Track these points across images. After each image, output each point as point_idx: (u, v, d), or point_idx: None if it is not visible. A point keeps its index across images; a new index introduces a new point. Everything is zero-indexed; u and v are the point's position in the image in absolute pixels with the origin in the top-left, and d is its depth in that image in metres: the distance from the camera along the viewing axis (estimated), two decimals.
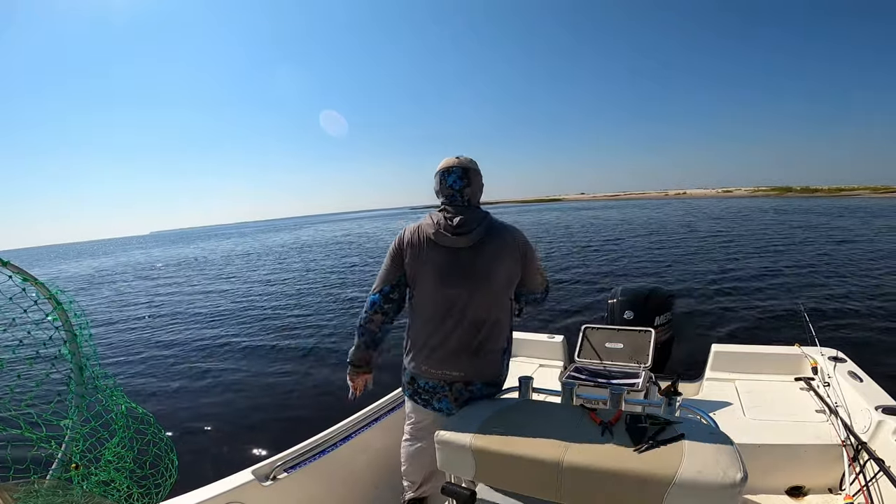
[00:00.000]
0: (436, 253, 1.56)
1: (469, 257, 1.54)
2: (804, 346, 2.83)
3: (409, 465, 1.85)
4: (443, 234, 1.55)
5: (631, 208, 53.22)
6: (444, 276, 1.55)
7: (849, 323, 6.44)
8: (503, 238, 1.57)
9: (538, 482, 1.16)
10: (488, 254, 1.54)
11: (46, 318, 1.70)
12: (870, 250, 13.14)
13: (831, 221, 23.47)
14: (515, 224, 1.66)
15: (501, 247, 1.55)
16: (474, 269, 1.53)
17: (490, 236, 1.55)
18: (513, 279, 1.60)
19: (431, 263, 1.57)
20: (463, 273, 1.53)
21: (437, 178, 1.64)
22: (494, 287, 1.55)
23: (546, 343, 3.32)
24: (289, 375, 5.86)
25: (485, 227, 1.55)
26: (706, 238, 18.29)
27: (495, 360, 1.61)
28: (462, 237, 1.53)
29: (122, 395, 1.94)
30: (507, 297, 1.62)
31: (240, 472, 1.78)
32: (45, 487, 1.50)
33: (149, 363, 6.91)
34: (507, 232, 1.60)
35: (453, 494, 1.30)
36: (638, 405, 1.62)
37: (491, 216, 1.62)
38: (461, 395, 1.58)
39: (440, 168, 1.63)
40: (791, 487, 2.09)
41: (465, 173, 1.60)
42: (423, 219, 1.63)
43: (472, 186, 1.62)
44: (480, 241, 1.54)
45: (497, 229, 1.58)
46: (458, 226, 1.53)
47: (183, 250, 39.25)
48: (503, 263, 1.55)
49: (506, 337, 1.65)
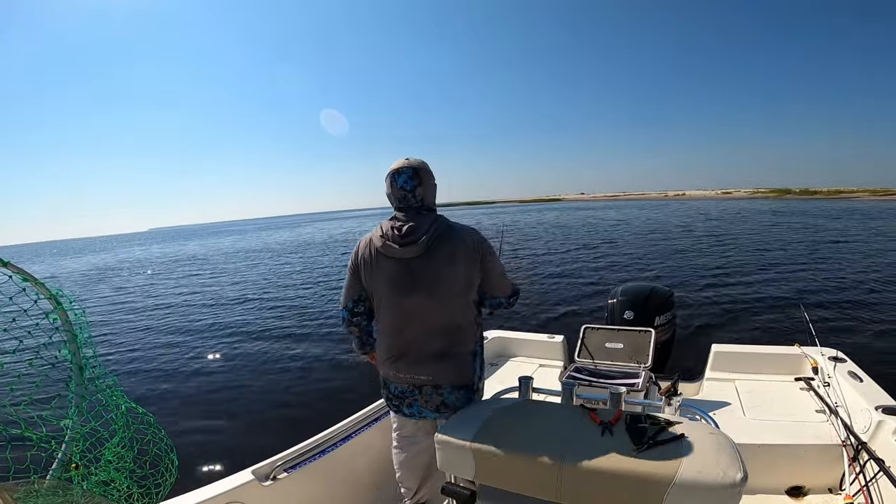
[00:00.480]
0: (387, 265, 1.53)
1: (421, 265, 1.49)
2: (804, 346, 2.83)
3: (401, 473, 1.84)
4: (390, 245, 1.50)
5: (630, 209, 53.25)
6: (398, 287, 1.52)
7: (849, 323, 6.44)
8: (456, 241, 1.51)
9: (538, 482, 1.16)
10: (441, 259, 1.49)
11: (46, 318, 1.70)
12: (869, 251, 13.16)
13: (830, 223, 23.50)
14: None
15: (454, 250, 1.50)
16: (427, 277, 1.49)
17: (441, 240, 1.50)
18: (473, 282, 1.55)
19: (384, 276, 1.54)
20: (416, 282, 1.50)
21: (388, 180, 1.58)
22: (452, 292, 1.51)
23: (546, 343, 3.32)
24: (289, 375, 5.87)
25: (435, 232, 1.49)
26: (706, 238, 18.30)
27: (463, 364, 1.57)
28: (410, 247, 1.48)
29: (122, 394, 1.94)
30: (469, 299, 1.57)
31: (240, 472, 1.78)
32: (45, 487, 1.50)
33: (149, 363, 6.91)
34: (461, 234, 1.54)
35: (453, 494, 1.30)
36: (638, 405, 1.62)
37: (443, 219, 1.56)
38: (431, 398, 1.57)
39: (390, 170, 1.58)
40: (791, 487, 2.09)
41: (415, 173, 1.55)
42: (374, 229, 1.59)
43: (423, 186, 1.57)
44: (431, 247, 1.48)
45: (449, 232, 1.52)
46: (404, 235, 1.49)
47: (182, 247, 39.21)
48: (458, 267, 1.50)
49: (474, 339, 1.60)
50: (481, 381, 1.67)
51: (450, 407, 1.56)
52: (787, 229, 20.98)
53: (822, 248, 14.24)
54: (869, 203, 46.57)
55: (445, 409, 1.57)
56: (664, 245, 16.88)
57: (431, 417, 1.62)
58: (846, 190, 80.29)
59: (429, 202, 1.60)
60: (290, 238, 39.43)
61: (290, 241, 34.77)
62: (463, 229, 1.56)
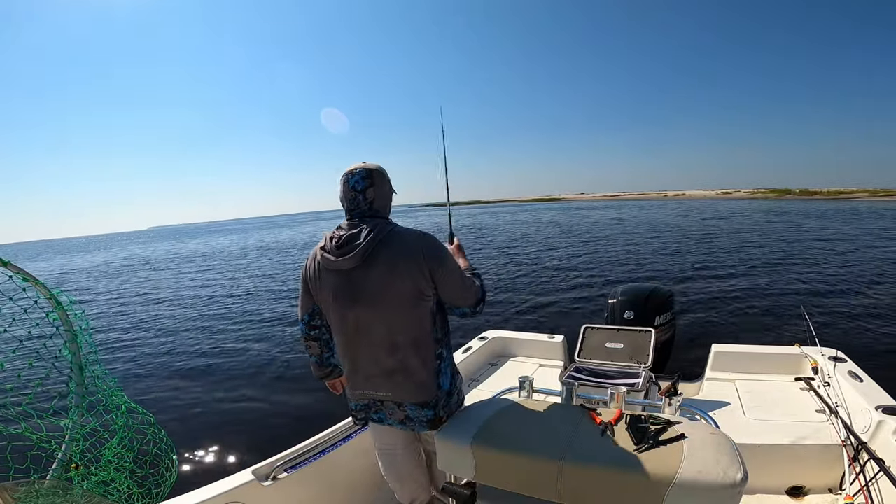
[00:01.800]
0: (329, 277, 1.44)
1: (360, 277, 1.39)
2: (804, 346, 2.83)
3: (392, 483, 1.75)
4: (328, 256, 1.42)
5: (630, 208, 53.24)
6: (339, 301, 1.43)
7: (849, 323, 6.44)
8: (399, 249, 1.38)
9: (538, 482, 1.16)
10: (381, 269, 1.37)
11: (46, 317, 1.70)
12: (870, 252, 13.15)
13: (830, 223, 23.49)
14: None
15: (396, 260, 1.37)
16: (367, 289, 1.38)
17: (381, 249, 1.38)
18: (423, 292, 1.40)
19: (327, 288, 1.45)
20: (357, 295, 1.39)
21: (340, 182, 1.50)
22: (397, 305, 1.38)
23: (546, 343, 3.32)
24: (290, 375, 5.87)
25: (374, 240, 1.37)
26: (706, 238, 18.30)
27: (424, 382, 1.44)
28: (346, 258, 1.38)
29: (122, 394, 1.95)
30: (423, 311, 1.42)
31: (240, 472, 1.78)
32: (45, 487, 1.50)
33: (149, 363, 6.91)
34: (407, 241, 1.40)
35: (453, 494, 1.30)
36: (638, 405, 1.62)
37: (389, 225, 1.44)
38: (394, 412, 1.49)
39: (344, 172, 1.50)
40: (791, 487, 2.09)
41: (368, 174, 1.47)
42: (320, 241, 1.51)
43: (375, 188, 1.47)
44: (369, 256, 1.37)
45: (391, 239, 1.40)
46: (341, 245, 1.40)
47: (182, 246, 39.18)
48: (401, 278, 1.36)
49: (433, 354, 1.45)
50: (453, 397, 1.51)
51: (415, 421, 1.47)
52: (786, 229, 21.00)
53: (823, 247, 14.24)
54: (870, 204, 46.56)
55: (410, 422, 1.48)
56: (663, 245, 16.88)
57: (399, 427, 1.53)
58: (846, 190, 79.98)
59: (379, 206, 1.50)
60: (293, 237, 39.44)
61: (289, 240, 34.79)
62: (408, 235, 1.42)
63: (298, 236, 40.81)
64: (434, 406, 1.45)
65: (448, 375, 1.50)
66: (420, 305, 1.41)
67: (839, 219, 26.27)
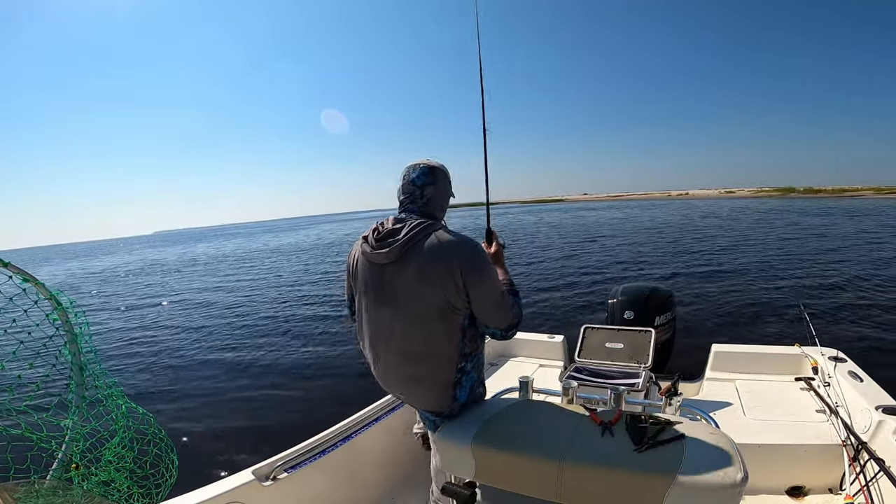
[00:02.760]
0: (365, 268, 1.39)
1: (392, 275, 1.32)
2: (804, 346, 2.83)
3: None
4: (366, 247, 1.36)
5: (633, 208, 53.21)
6: (369, 294, 1.39)
7: (849, 323, 6.44)
8: (432, 255, 1.27)
9: (538, 482, 1.16)
10: (411, 271, 1.28)
11: (47, 318, 1.70)
12: (871, 250, 13.15)
13: (833, 221, 23.46)
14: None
15: (429, 265, 1.27)
16: (397, 289, 1.31)
17: (418, 249, 1.28)
18: (454, 305, 1.28)
19: (362, 279, 1.41)
20: (386, 293, 1.33)
21: (402, 175, 1.46)
22: (424, 314, 1.29)
23: (546, 343, 3.32)
24: (290, 375, 5.87)
25: (412, 238, 1.29)
26: (707, 238, 18.29)
27: (441, 395, 1.37)
28: (381, 252, 1.31)
29: (122, 395, 1.94)
30: (452, 325, 1.31)
31: (240, 472, 1.78)
32: (45, 487, 1.50)
33: (149, 363, 6.91)
34: (444, 247, 1.28)
35: (453, 494, 1.30)
36: (638, 405, 1.62)
37: (434, 226, 1.34)
38: (410, 407, 1.51)
39: (407, 165, 1.47)
40: (791, 487, 2.09)
41: (430, 171, 1.43)
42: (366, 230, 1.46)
43: (435, 187, 1.43)
44: (405, 254, 1.29)
45: (430, 242, 1.29)
46: (381, 237, 1.33)
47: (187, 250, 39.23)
48: (429, 284, 1.26)
49: (454, 368, 1.35)
50: (467, 407, 1.44)
51: (428, 421, 1.47)
52: (789, 227, 20.99)
53: (823, 246, 14.23)
54: (874, 201, 46.38)
55: (424, 419, 1.50)
56: (664, 244, 16.88)
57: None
58: (851, 188, 79.35)
59: (434, 206, 1.44)
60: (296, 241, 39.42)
61: (294, 244, 34.77)
62: (447, 241, 1.30)
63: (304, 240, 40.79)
64: (448, 416, 1.41)
65: (467, 389, 1.41)
66: (448, 319, 1.30)
67: (841, 216, 26.24)
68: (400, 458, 2.41)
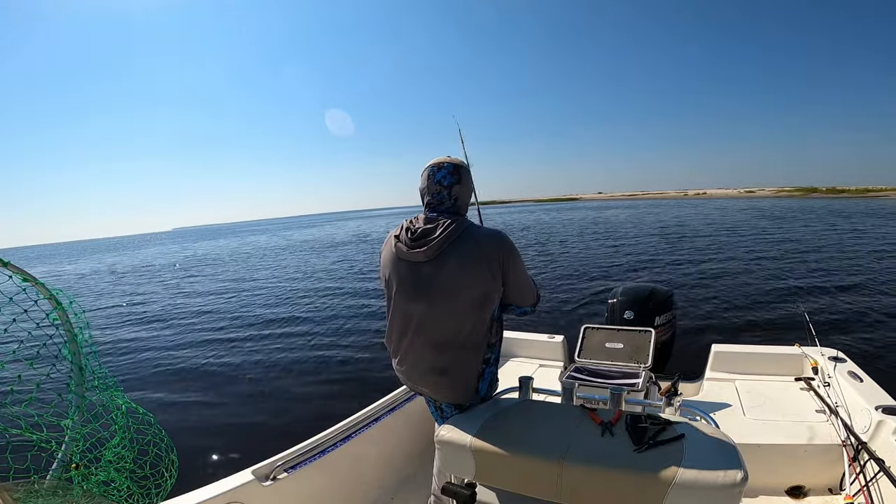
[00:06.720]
0: (399, 266, 1.44)
1: (429, 272, 1.37)
2: (804, 346, 2.83)
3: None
4: (401, 246, 1.42)
5: (647, 207, 52.90)
6: (404, 292, 1.43)
7: (849, 323, 6.44)
8: (473, 249, 1.37)
9: (538, 482, 1.16)
10: (451, 267, 1.35)
11: (47, 317, 1.70)
12: (873, 250, 13.15)
13: (837, 222, 23.39)
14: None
15: (469, 259, 1.35)
16: (434, 285, 1.37)
17: (455, 247, 1.36)
18: (490, 296, 1.39)
19: (396, 277, 1.45)
20: (422, 290, 1.39)
21: (425, 175, 1.48)
22: (461, 306, 1.37)
23: (546, 343, 3.32)
24: (290, 375, 5.87)
25: (448, 237, 1.36)
26: (709, 238, 18.29)
27: (464, 385, 1.45)
28: (419, 251, 1.37)
29: (122, 395, 1.95)
30: (484, 316, 1.41)
31: (240, 472, 1.78)
32: (45, 487, 1.50)
33: (149, 363, 6.91)
34: (481, 241, 1.38)
35: (453, 494, 1.30)
36: (638, 405, 1.62)
37: (465, 222, 1.43)
38: (430, 402, 1.56)
39: (429, 164, 1.49)
40: (791, 487, 2.09)
41: (456, 170, 1.46)
42: (394, 229, 1.51)
43: (462, 185, 1.47)
44: (443, 252, 1.36)
45: (467, 237, 1.38)
46: (416, 237, 1.39)
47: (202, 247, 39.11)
48: (471, 278, 1.35)
49: (481, 360, 1.45)
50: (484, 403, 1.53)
51: (448, 415, 1.52)
52: (792, 228, 20.99)
53: (823, 246, 14.23)
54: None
55: (443, 413, 1.55)
56: (668, 245, 16.88)
57: (431, 411, 1.61)
58: (875, 188, 77.43)
59: (461, 204, 1.49)
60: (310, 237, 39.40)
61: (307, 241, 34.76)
62: (485, 236, 1.40)
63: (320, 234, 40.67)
64: (468, 409, 1.46)
65: (487, 382, 1.50)
66: (484, 310, 1.40)
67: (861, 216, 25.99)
68: (400, 458, 2.41)
